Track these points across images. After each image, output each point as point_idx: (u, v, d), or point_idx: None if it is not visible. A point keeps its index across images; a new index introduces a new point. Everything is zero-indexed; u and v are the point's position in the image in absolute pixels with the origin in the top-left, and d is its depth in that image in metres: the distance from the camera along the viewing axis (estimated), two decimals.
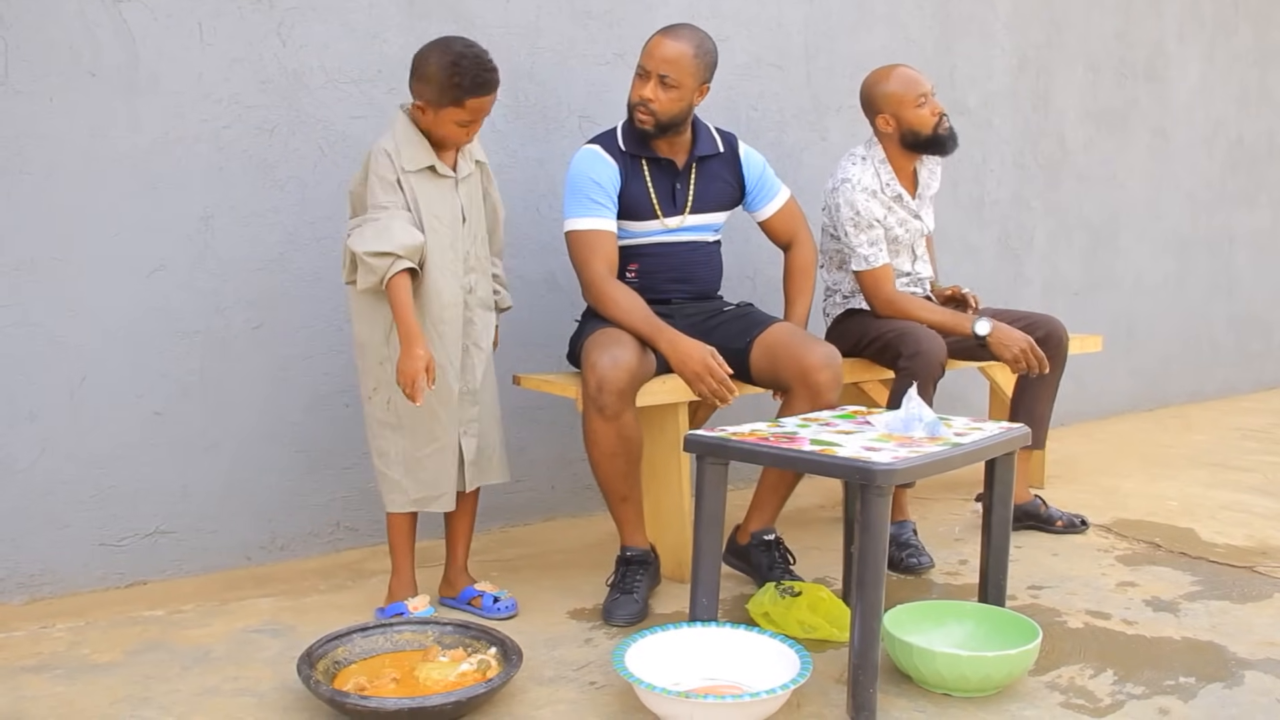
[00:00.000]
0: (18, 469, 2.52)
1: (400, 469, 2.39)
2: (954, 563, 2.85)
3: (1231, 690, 2.04)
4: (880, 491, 1.87)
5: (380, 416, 2.39)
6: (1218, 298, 5.66)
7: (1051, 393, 3.10)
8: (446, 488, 2.41)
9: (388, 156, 2.32)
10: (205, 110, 2.67)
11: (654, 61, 2.59)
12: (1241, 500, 3.51)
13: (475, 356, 2.45)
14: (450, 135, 2.34)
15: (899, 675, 2.10)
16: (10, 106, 2.44)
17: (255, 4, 2.71)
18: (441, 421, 2.38)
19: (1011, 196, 4.58)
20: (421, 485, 2.39)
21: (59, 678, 2.12)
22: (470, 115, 2.32)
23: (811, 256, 2.92)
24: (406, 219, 2.31)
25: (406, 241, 2.26)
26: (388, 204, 2.31)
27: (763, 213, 2.89)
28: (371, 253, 2.25)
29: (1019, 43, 4.53)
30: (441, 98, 2.29)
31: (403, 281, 2.26)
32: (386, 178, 2.31)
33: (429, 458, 2.38)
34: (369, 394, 2.40)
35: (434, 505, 2.42)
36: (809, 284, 2.90)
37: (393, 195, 2.31)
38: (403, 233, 2.27)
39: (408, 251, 2.26)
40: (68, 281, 2.54)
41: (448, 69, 2.28)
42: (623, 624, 2.40)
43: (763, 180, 2.86)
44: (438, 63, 2.29)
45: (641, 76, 2.61)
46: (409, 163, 2.32)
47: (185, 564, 2.73)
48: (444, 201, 2.37)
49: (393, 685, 1.98)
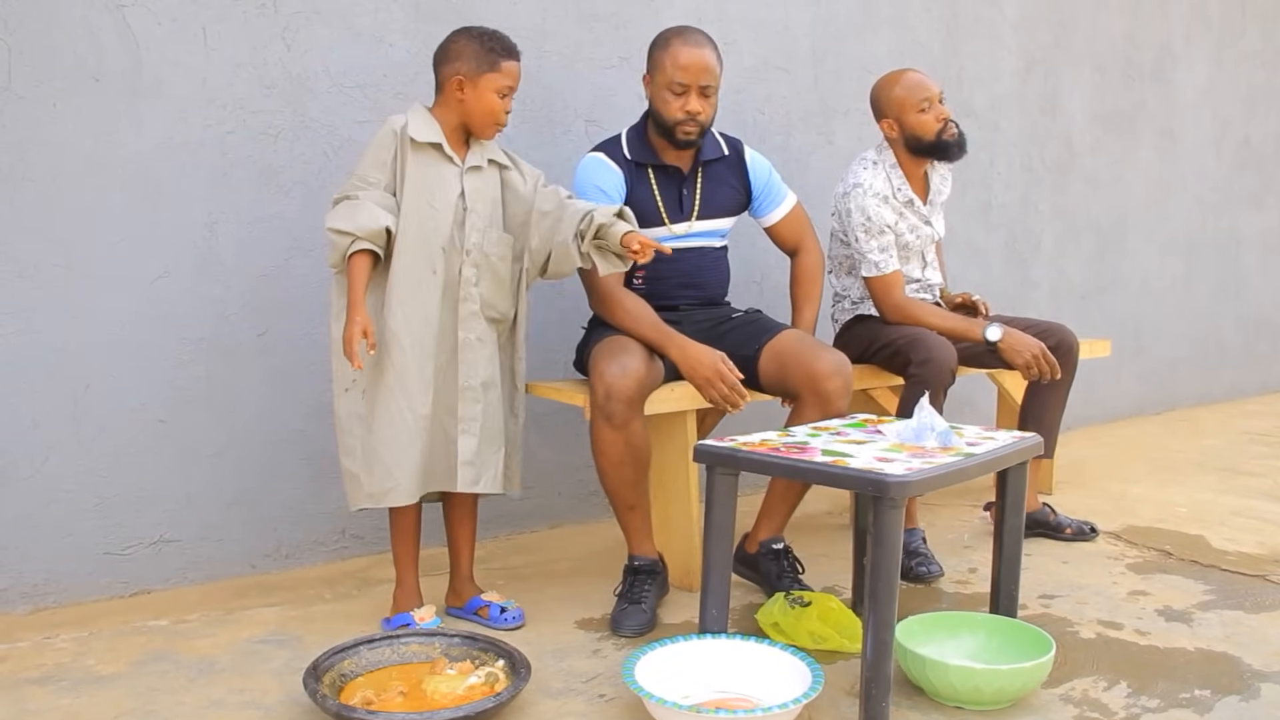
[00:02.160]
0: (21, 477, 2.50)
1: (361, 461, 2.32)
2: (964, 571, 2.83)
3: (1248, 703, 2.02)
4: (893, 503, 1.84)
5: (351, 409, 2.33)
6: (1225, 300, 5.64)
7: (1062, 401, 3.08)
8: (401, 479, 2.30)
9: (394, 134, 2.32)
10: (209, 115, 2.65)
11: (692, 75, 2.57)
12: (1251, 506, 3.49)
13: (477, 352, 2.38)
14: (492, 108, 2.36)
15: (911, 688, 2.08)
16: (14, 112, 2.42)
17: (260, 8, 2.69)
18: (400, 410, 2.30)
19: (1019, 199, 4.56)
20: (378, 478, 2.30)
21: (63, 690, 2.10)
22: (509, 79, 2.37)
23: (819, 261, 2.89)
24: (379, 200, 2.30)
25: (368, 224, 2.25)
26: (370, 182, 2.31)
27: (769, 218, 2.87)
28: (335, 229, 2.26)
29: (1026, 45, 4.50)
30: (480, 64, 2.33)
31: (361, 261, 2.26)
32: (381, 156, 2.32)
33: (385, 445, 2.30)
34: (344, 389, 2.33)
35: (389, 499, 2.31)
36: (817, 290, 2.88)
37: (378, 174, 2.32)
38: (368, 216, 2.26)
39: (367, 234, 2.25)
40: (71, 288, 2.52)
41: (480, 38, 2.36)
42: (631, 634, 2.38)
43: (769, 185, 2.84)
44: (467, 35, 2.37)
45: (679, 93, 2.58)
46: (418, 133, 2.32)
47: (190, 572, 2.72)
48: (442, 184, 2.35)
49: (400, 699, 1.96)
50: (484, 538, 2.94)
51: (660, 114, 2.62)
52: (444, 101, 2.40)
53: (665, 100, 2.60)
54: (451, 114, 2.39)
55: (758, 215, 2.88)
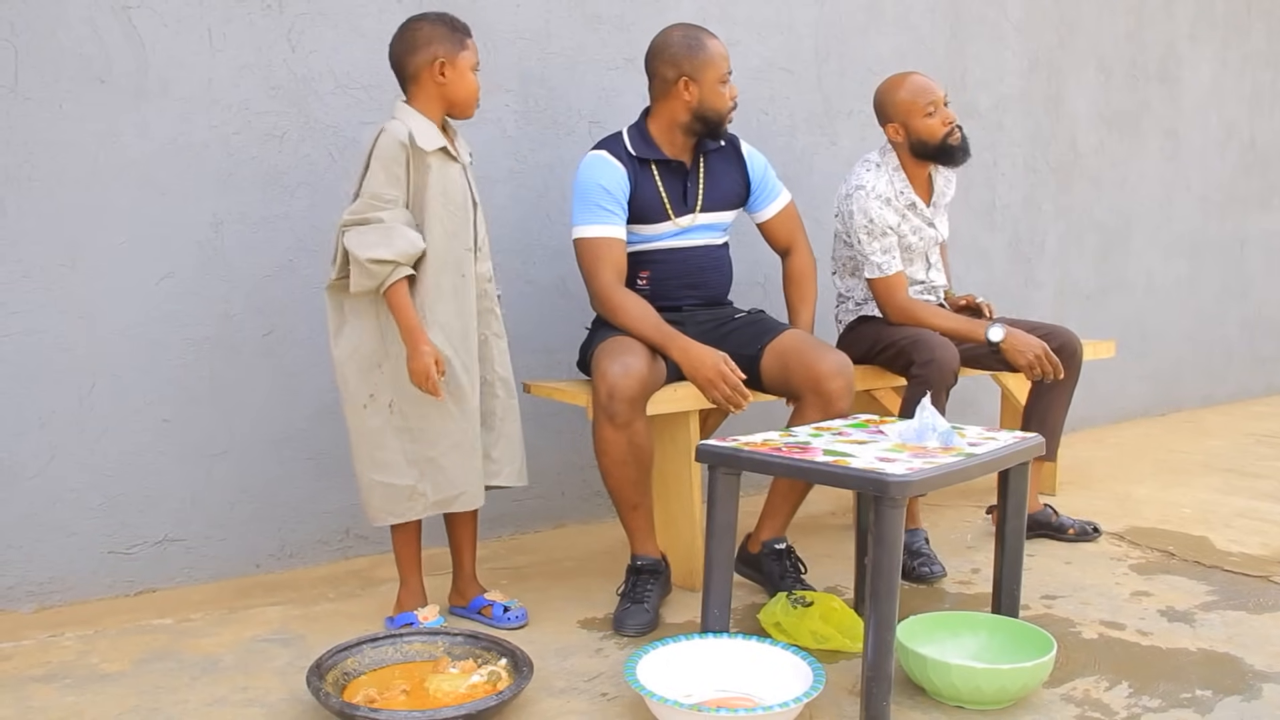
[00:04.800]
0: (26, 476, 2.51)
1: (414, 474, 2.32)
2: (966, 571, 2.83)
3: (1250, 704, 2.02)
4: (894, 503, 1.85)
5: (380, 424, 2.31)
6: (1230, 301, 5.63)
7: (1065, 403, 3.08)
8: (471, 484, 2.35)
9: (400, 145, 2.24)
10: (215, 116, 2.66)
11: (729, 62, 2.67)
12: (1256, 507, 3.48)
13: (495, 346, 2.42)
14: (470, 87, 2.34)
15: (913, 687, 2.08)
16: (21, 113, 2.44)
17: (265, 10, 2.70)
18: (454, 418, 2.32)
19: (1023, 200, 4.56)
20: (440, 486, 2.33)
21: (68, 687, 2.11)
22: (476, 56, 2.36)
23: (811, 261, 2.91)
24: (406, 219, 2.26)
25: (407, 249, 2.23)
26: (390, 199, 2.24)
27: (764, 213, 2.88)
28: (375, 260, 2.20)
29: (1030, 45, 4.50)
30: (454, 45, 2.31)
31: (403, 287, 2.23)
32: (393, 169, 2.25)
33: (445, 455, 2.32)
34: (363, 403, 2.31)
35: (457, 505, 2.36)
36: (812, 289, 2.89)
37: (395, 190, 2.25)
38: (404, 239, 2.23)
39: (408, 259, 2.23)
40: (77, 288, 2.54)
41: (442, 19, 2.33)
42: (634, 634, 2.38)
43: (765, 179, 2.85)
44: (428, 20, 2.33)
45: (724, 83, 2.66)
46: (426, 143, 2.28)
47: (194, 572, 2.73)
48: (457, 185, 2.34)
49: (403, 697, 1.97)
50: (488, 537, 2.95)
51: (714, 109, 2.66)
52: (422, 92, 2.33)
53: (719, 94, 2.65)
54: (434, 104, 2.34)
55: (753, 210, 2.89)
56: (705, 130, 2.69)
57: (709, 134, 2.71)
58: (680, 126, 2.67)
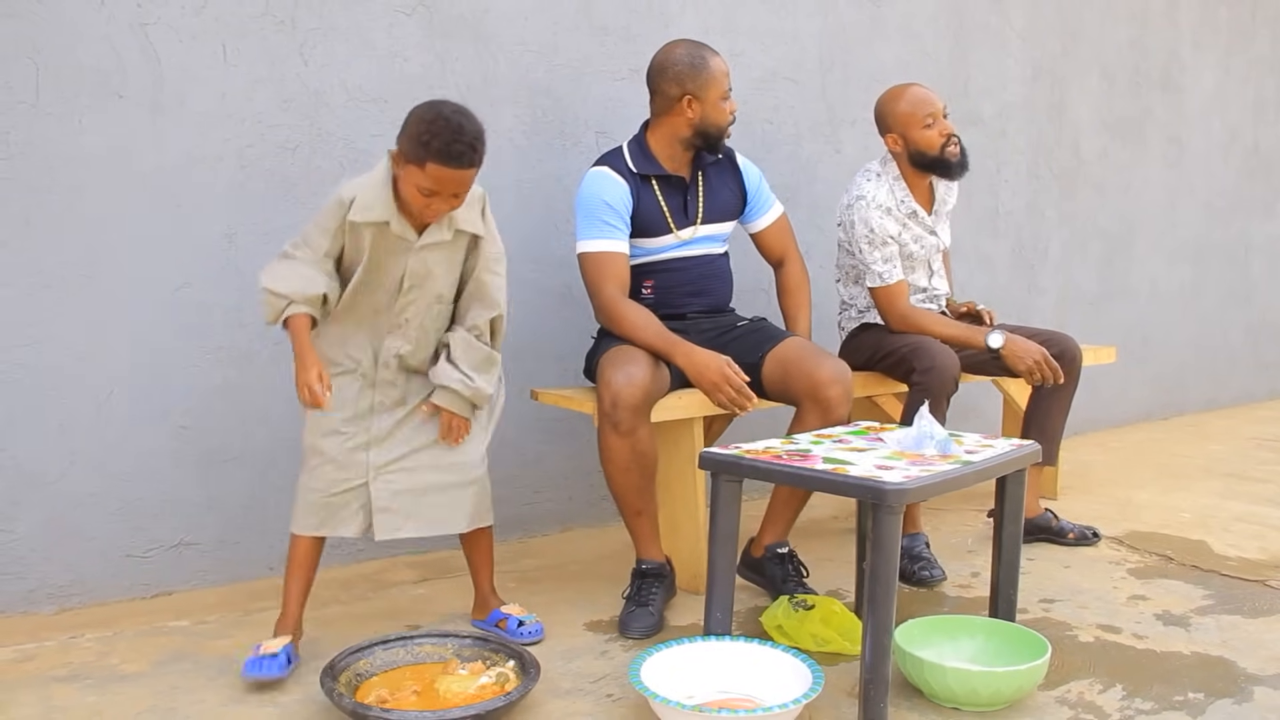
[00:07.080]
0: (47, 482, 2.57)
1: None
2: (966, 575, 2.88)
3: (1240, 706, 2.06)
4: (891, 510, 1.90)
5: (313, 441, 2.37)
6: (1233, 306, 5.65)
7: (1065, 408, 3.12)
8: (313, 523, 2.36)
9: (339, 204, 2.22)
10: (229, 129, 2.72)
11: (729, 80, 2.73)
12: (1256, 512, 3.52)
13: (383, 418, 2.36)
14: (409, 198, 2.19)
15: (910, 689, 2.13)
16: (41, 128, 2.50)
17: (278, 25, 2.76)
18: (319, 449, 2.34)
19: (1026, 206, 4.60)
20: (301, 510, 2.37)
21: (89, 687, 2.17)
22: (430, 183, 2.14)
23: (803, 270, 2.97)
24: (318, 266, 2.23)
25: (306, 290, 2.20)
26: (314, 245, 2.24)
27: (758, 224, 2.93)
28: (271, 290, 2.22)
29: (1034, 53, 4.54)
30: (409, 153, 2.15)
31: (301, 320, 2.21)
32: (326, 225, 2.23)
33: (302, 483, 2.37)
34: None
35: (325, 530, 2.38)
36: (807, 298, 2.95)
37: (322, 240, 2.24)
38: (305, 280, 2.21)
39: (305, 300, 2.21)
40: (95, 298, 2.60)
41: (422, 125, 2.14)
42: (638, 636, 2.43)
43: (760, 191, 2.91)
44: (419, 117, 2.17)
45: (725, 99, 2.72)
46: (358, 213, 2.21)
47: (209, 575, 2.78)
48: (391, 259, 2.27)
49: (413, 698, 2.02)
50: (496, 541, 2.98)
51: (715, 125, 2.72)
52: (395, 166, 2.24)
53: (720, 110, 2.72)
54: None
55: (747, 221, 2.94)
56: (705, 145, 2.75)
57: (708, 148, 2.76)
58: (681, 141, 2.73)
